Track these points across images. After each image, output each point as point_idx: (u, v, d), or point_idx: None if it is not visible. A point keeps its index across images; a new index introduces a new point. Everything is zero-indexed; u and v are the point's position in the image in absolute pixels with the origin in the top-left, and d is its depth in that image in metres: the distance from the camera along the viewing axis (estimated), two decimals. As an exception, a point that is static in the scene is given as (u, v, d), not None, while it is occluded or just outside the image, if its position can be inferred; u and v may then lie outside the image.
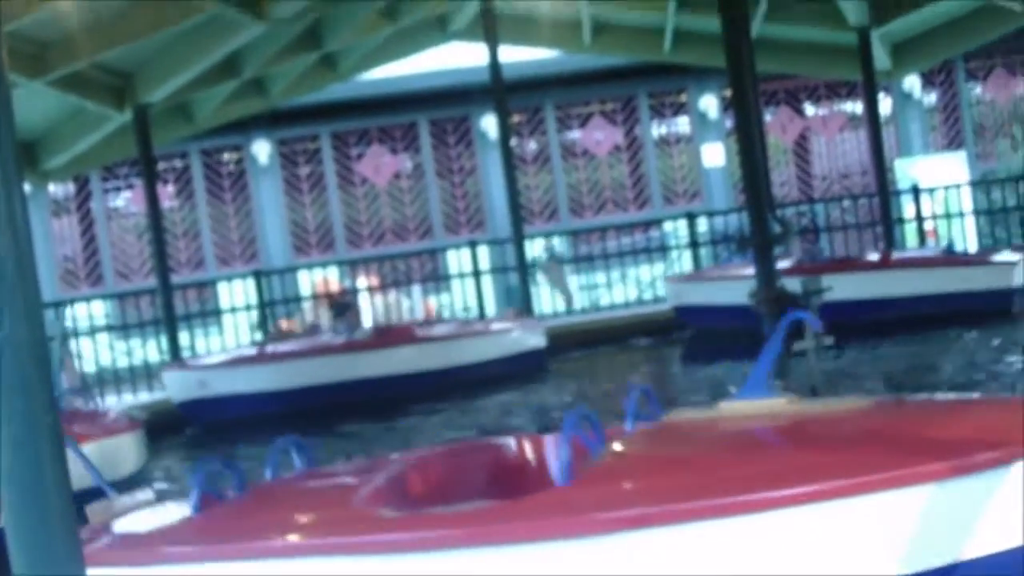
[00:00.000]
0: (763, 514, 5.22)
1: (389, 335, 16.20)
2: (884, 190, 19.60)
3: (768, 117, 23.60)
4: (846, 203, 21.72)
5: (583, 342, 18.31)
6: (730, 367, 15.00)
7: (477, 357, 16.09)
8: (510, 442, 6.99)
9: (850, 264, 17.14)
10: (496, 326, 16.88)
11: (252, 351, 16.24)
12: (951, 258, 16.94)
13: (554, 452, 6.27)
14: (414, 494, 6.30)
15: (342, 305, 16.66)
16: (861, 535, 5.21)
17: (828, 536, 5.24)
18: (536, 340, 16.88)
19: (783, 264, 15.95)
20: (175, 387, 15.57)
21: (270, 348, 16.04)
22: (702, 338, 17.58)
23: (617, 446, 6.04)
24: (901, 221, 20.46)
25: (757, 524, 5.23)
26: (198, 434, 15.21)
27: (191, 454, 13.94)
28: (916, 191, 20.23)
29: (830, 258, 18.26)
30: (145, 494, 6.54)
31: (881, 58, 20.74)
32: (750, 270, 17.60)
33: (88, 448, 9.67)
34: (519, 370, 16.10)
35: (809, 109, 24.62)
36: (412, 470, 6.51)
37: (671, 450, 6.12)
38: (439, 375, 15.71)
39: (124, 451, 10.68)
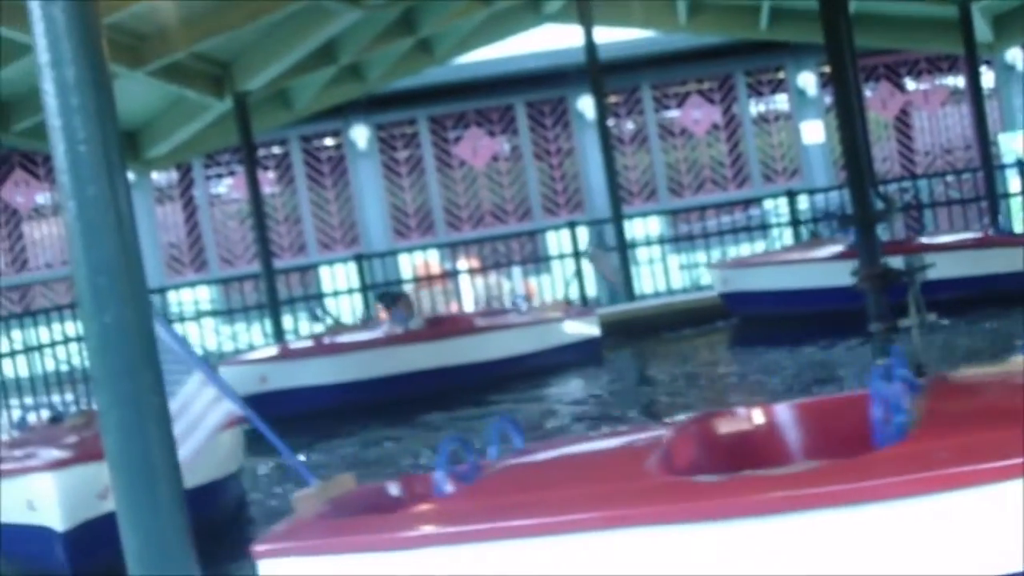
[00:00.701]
0: None
1: (442, 326, 15.83)
2: (988, 164, 19.30)
3: (868, 93, 23.29)
4: (949, 178, 21.41)
5: (638, 329, 17.94)
6: (791, 351, 14.94)
7: (531, 347, 15.63)
8: (751, 412, 6.73)
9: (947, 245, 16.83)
10: (549, 315, 16.46)
11: (309, 343, 15.85)
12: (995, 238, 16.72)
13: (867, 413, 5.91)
14: (688, 463, 6.03)
15: (392, 296, 16.08)
16: None
17: None
18: (590, 329, 16.51)
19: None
20: (235, 383, 15.51)
21: (327, 340, 15.61)
22: (752, 325, 17.21)
23: (928, 401, 5.89)
24: (1006, 195, 20.13)
25: None
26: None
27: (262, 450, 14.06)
28: (1020, 165, 19.88)
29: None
30: (345, 479, 6.35)
31: (982, 30, 20.39)
32: (797, 254, 17.54)
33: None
34: (574, 360, 15.73)
35: (910, 84, 24.28)
36: (677, 440, 6.20)
37: (981, 403, 6.04)
38: (492, 366, 15.28)
39: (234, 446, 10.38)
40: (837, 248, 17.01)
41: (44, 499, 8.48)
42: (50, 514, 8.51)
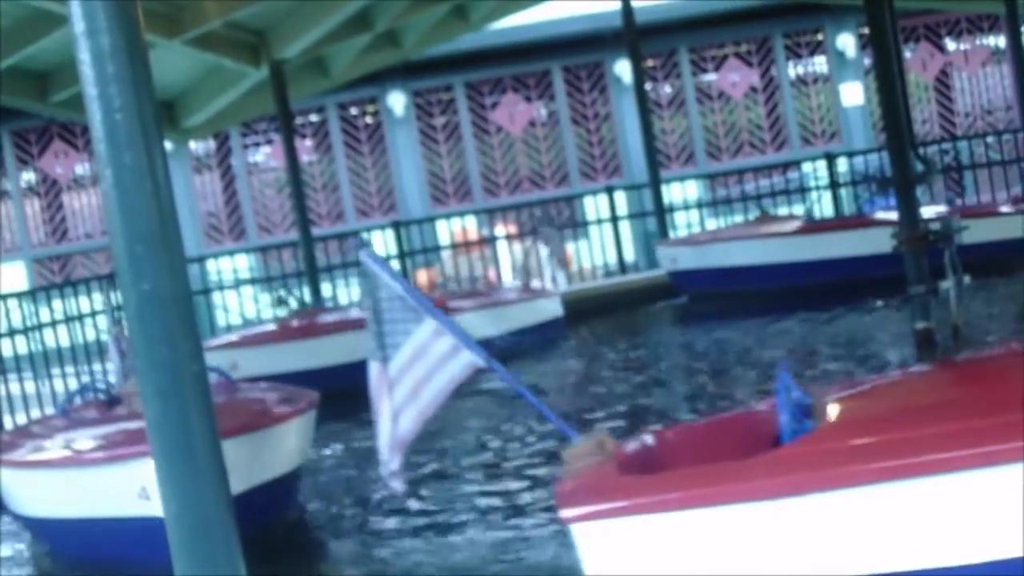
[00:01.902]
0: None
1: None
2: (1029, 125, 19.15)
3: (908, 54, 23.13)
4: (990, 139, 21.22)
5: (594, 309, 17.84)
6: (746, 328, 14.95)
7: (498, 329, 14.87)
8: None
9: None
10: (511, 297, 16.22)
11: (277, 328, 15.32)
12: None
13: None
14: None
15: (280, 299, 15.74)
16: None
17: None
18: (554, 309, 16.36)
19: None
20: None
21: (294, 324, 15.09)
22: (702, 303, 17.14)
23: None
24: (1047, 156, 19.96)
25: None
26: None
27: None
28: (1062, 125, 19.73)
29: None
30: (603, 436, 5.79)
31: (1024, -11, 20.19)
32: (749, 231, 17.45)
33: (289, 426, 8.63)
34: (539, 341, 15.48)
35: (950, 44, 24.08)
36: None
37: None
38: None
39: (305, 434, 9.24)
40: (792, 224, 17.13)
41: None
42: None
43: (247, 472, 7.77)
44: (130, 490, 7.64)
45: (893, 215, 17.02)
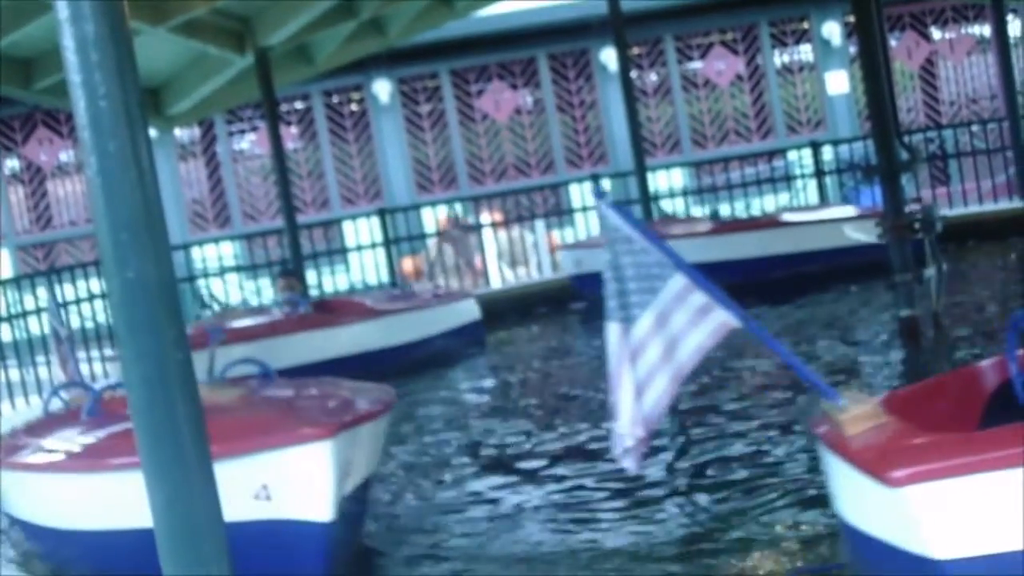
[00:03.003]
0: None
1: (330, 311, 14.46)
2: (1014, 114, 19.17)
3: (893, 42, 23.15)
4: (975, 128, 21.26)
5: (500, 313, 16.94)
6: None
7: (421, 333, 14.44)
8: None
9: None
10: (428, 300, 15.41)
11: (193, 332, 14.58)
12: None
13: None
14: None
15: (285, 272, 15.12)
16: None
17: None
18: (473, 313, 15.53)
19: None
20: None
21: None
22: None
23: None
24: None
25: None
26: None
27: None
28: (1047, 114, 19.75)
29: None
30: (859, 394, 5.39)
31: (1009, -22, 20.23)
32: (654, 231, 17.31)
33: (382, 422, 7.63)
34: (461, 345, 14.91)
35: (935, 33, 24.11)
36: None
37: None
38: (383, 355, 13.84)
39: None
40: (700, 225, 17.05)
41: (301, 480, 6.49)
42: (311, 501, 6.52)
43: (357, 471, 7.04)
44: (244, 490, 6.53)
45: (802, 215, 17.23)
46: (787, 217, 17.21)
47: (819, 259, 16.15)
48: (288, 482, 6.51)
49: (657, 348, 4.95)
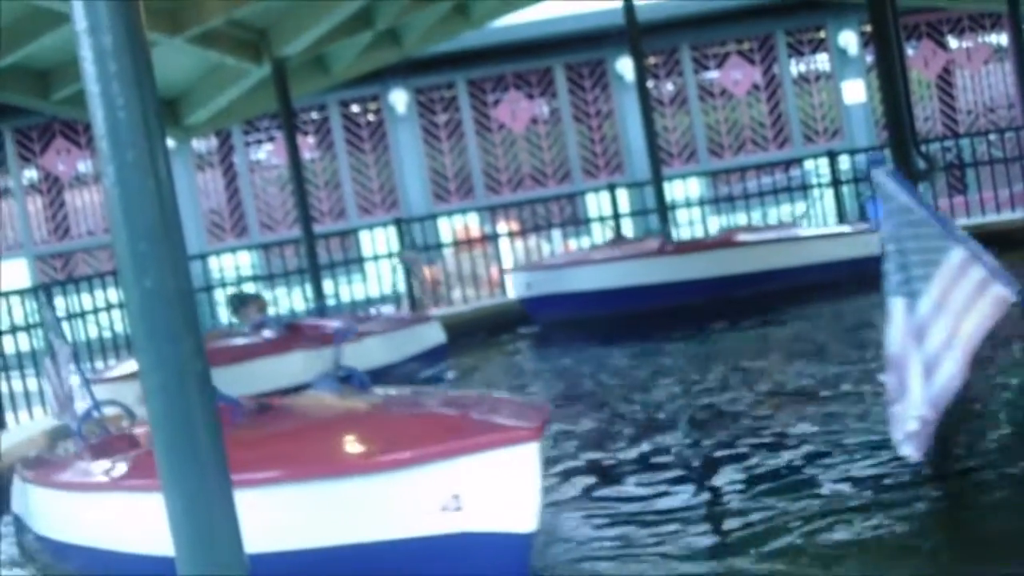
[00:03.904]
0: None
1: (299, 335, 13.54)
2: (1032, 122, 19.15)
3: (910, 51, 23.14)
4: (992, 137, 21.21)
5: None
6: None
7: (391, 358, 13.63)
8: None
9: None
10: (394, 323, 14.67)
11: None
12: None
13: None
14: None
15: (240, 298, 14.60)
16: None
17: None
18: (438, 336, 14.82)
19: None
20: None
21: None
22: (559, 329, 16.02)
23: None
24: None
25: None
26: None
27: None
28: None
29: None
30: None
31: (1027, -14, 20.17)
32: (604, 253, 16.95)
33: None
34: (425, 368, 14.10)
35: (952, 42, 24.07)
36: None
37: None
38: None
39: None
40: (651, 245, 16.83)
41: (501, 487, 5.79)
42: (511, 510, 5.81)
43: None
44: (430, 501, 5.88)
45: (757, 235, 17.17)
46: (742, 237, 17.10)
47: (778, 278, 16.10)
48: (485, 490, 5.81)
49: (943, 326, 4.68)
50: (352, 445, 6.33)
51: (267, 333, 13.45)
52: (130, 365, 12.62)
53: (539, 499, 5.85)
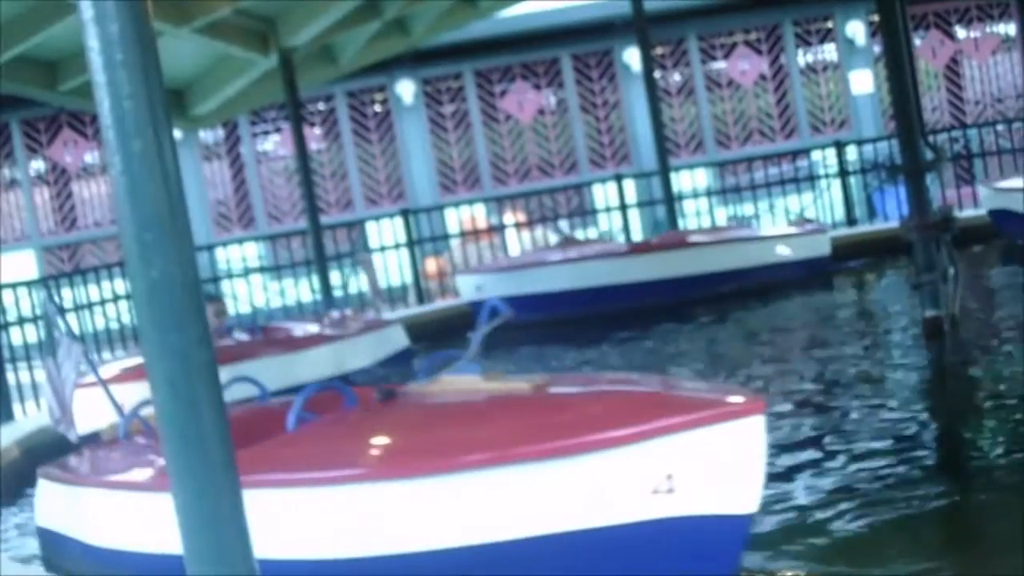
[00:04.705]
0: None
1: (265, 337, 13.09)
2: (1040, 112, 19.12)
3: (917, 41, 23.09)
4: (1000, 127, 21.18)
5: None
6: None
7: (358, 364, 13.11)
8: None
9: None
10: (358, 327, 13.83)
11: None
12: None
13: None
14: None
15: (209, 297, 14.07)
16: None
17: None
18: (400, 340, 14.19)
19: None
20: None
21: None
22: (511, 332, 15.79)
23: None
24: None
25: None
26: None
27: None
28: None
29: None
30: None
31: (1035, -24, 20.14)
32: (555, 255, 16.67)
33: None
34: (387, 375, 13.28)
35: (960, 32, 24.03)
36: None
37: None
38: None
39: None
40: (602, 247, 16.72)
41: (722, 465, 5.30)
42: (733, 490, 5.31)
43: None
44: (638, 484, 5.34)
45: (709, 235, 17.12)
46: (695, 238, 17.02)
47: (731, 279, 16.06)
48: (704, 469, 5.29)
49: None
50: (541, 427, 5.57)
51: (239, 336, 12.95)
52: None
53: (763, 478, 5.39)
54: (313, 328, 13.56)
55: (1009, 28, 23.62)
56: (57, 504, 7.64)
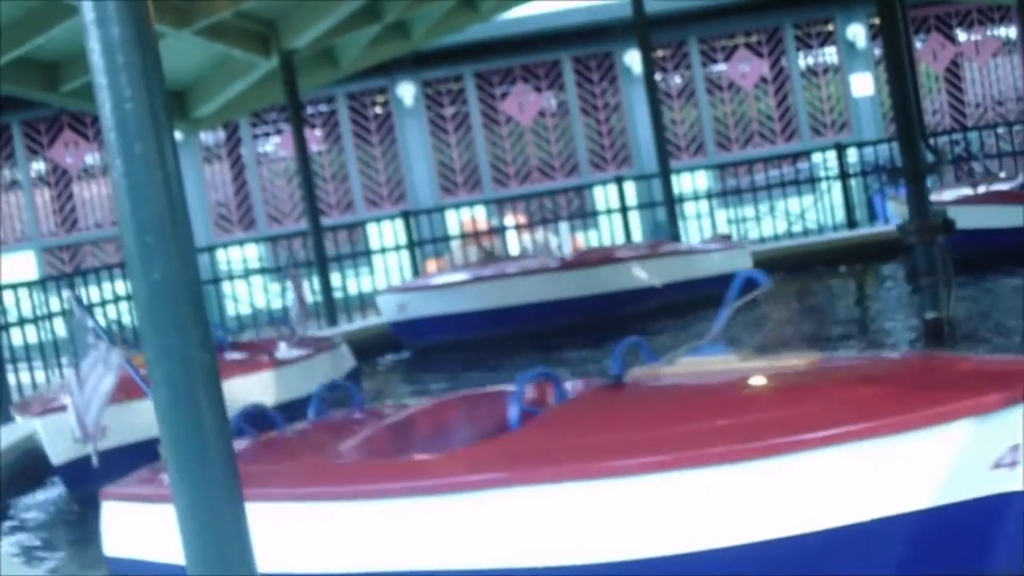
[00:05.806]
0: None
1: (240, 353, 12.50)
2: (1040, 115, 19.12)
3: (918, 44, 23.09)
4: (1000, 130, 21.18)
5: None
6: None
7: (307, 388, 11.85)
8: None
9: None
10: (304, 350, 12.69)
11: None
12: None
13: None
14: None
15: None
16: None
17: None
18: (348, 362, 13.33)
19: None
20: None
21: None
22: (436, 355, 15.29)
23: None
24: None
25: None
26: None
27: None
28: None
29: None
30: None
31: (1035, -21, 20.13)
32: (480, 272, 16.17)
33: None
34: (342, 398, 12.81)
35: (961, 35, 24.03)
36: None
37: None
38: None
39: None
40: (528, 263, 16.39)
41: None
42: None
43: None
44: (977, 459, 4.93)
45: (635, 251, 17.02)
46: (621, 253, 16.87)
47: (658, 294, 15.96)
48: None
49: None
50: (870, 400, 5.16)
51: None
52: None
53: None
54: (282, 347, 12.62)
55: (1010, 31, 23.62)
56: (146, 528, 6.75)
